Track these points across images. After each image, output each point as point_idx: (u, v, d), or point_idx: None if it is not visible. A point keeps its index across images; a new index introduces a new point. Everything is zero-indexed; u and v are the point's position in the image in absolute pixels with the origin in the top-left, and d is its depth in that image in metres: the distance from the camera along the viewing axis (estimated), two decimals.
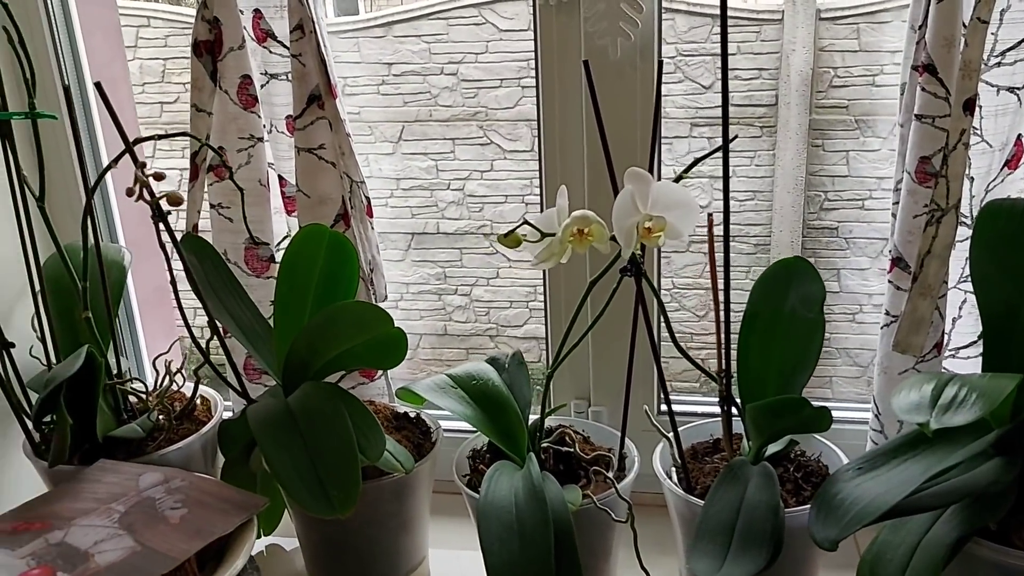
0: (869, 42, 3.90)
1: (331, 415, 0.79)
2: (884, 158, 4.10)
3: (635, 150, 0.91)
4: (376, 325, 0.79)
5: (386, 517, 0.89)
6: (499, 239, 0.69)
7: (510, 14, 4.14)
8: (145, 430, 0.89)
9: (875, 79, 3.94)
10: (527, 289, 4.47)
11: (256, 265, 0.98)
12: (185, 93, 3.85)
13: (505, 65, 4.41)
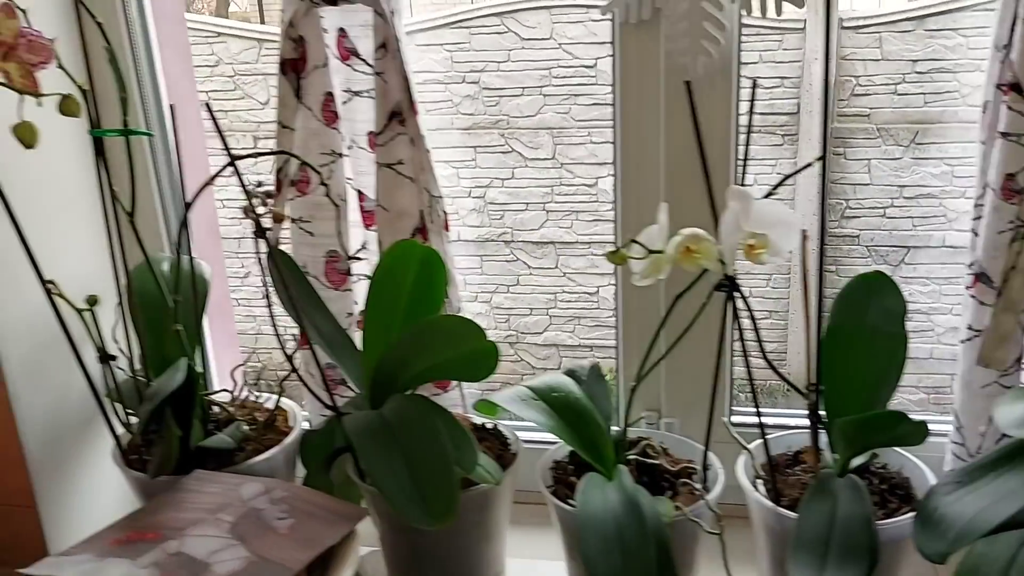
0: (891, 51, 3.92)
1: (427, 427, 0.80)
2: (905, 166, 4.11)
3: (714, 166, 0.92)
4: (469, 339, 0.80)
5: (470, 527, 0.90)
6: (607, 256, 0.71)
7: (532, 23, 4.16)
8: (235, 440, 0.90)
9: (897, 88, 3.95)
10: (547, 296, 4.49)
11: (335, 278, 1.00)
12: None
13: (527, 74, 4.43)
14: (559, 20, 4.08)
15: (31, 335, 0.93)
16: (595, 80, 4.17)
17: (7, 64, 0.73)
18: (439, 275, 0.86)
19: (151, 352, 0.94)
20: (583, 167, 4.27)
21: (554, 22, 4.13)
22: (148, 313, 0.93)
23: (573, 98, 4.21)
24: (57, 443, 0.98)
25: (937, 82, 3.92)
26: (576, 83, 4.17)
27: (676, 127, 0.93)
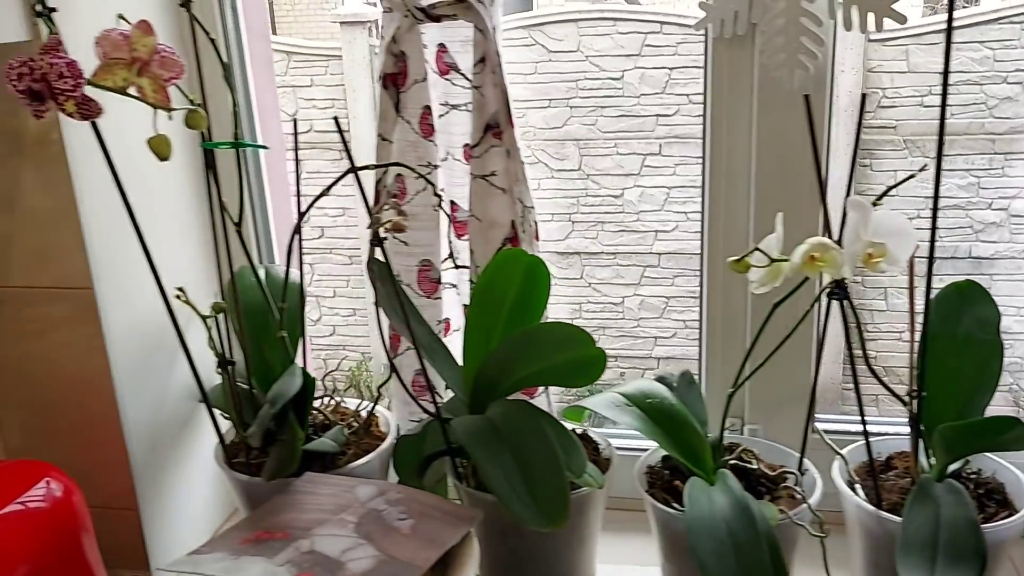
0: (917, 63, 3.94)
1: (537, 431, 0.82)
2: (931, 177, 4.13)
3: (805, 178, 0.95)
4: (577, 345, 0.83)
5: (568, 530, 0.91)
6: (731, 265, 0.73)
7: (559, 36, 4.20)
8: (338, 444, 0.92)
9: (923, 100, 3.97)
10: (572, 306, 4.51)
11: (426, 286, 1.02)
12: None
13: (554, 86, 4.47)
14: (586, 33, 4.12)
15: (136, 340, 0.96)
16: (621, 92, 4.20)
17: (141, 79, 0.75)
18: (543, 284, 0.88)
19: (254, 358, 0.96)
20: (609, 178, 4.30)
21: (581, 35, 4.17)
22: (251, 320, 0.96)
23: (600, 110, 4.24)
24: (156, 447, 1.00)
25: (964, 94, 3.94)
26: (603, 95, 4.21)
27: (767, 140, 0.95)
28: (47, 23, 0.72)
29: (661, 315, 4.49)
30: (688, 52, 4.08)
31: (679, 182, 4.26)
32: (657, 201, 4.31)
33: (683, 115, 4.16)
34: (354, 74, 4.36)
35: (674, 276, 4.43)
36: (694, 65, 4.09)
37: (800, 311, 0.84)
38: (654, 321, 4.49)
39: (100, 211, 0.89)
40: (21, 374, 0.95)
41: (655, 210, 4.34)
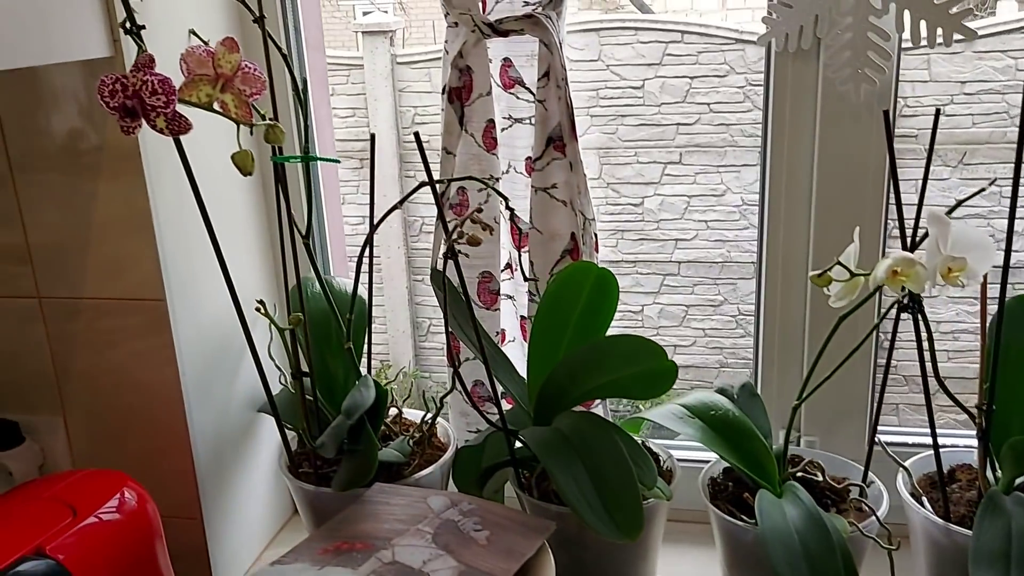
0: (939, 72, 3.95)
1: (609, 443, 0.83)
2: (954, 187, 4.12)
3: (867, 191, 0.95)
4: (649, 359, 0.84)
5: (634, 542, 0.92)
6: (813, 279, 0.73)
7: (580, 45, 4.22)
8: (404, 455, 0.93)
9: (945, 109, 3.97)
10: None
11: (486, 298, 1.03)
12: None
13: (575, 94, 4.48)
14: (607, 42, 4.14)
15: (203, 350, 0.97)
16: (642, 101, 4.21)
17: (224, 95, 0.77)
18: (612, 296, 0.89)
19: (318, 368, 0.97)
20: (629, 187, 4.31)
21: (602, 44, 4.19)
22: (315, 330, 0.97)
23: (620, 119, 4.26)
24: (220, 456, 1.01)
25: (985, 103, 3.94)
26: (623, 104, 4.22)
27: (830, 153, 0.95)
28: (136, 41, 0.73)
29: (681, 323, 4.50)
30: (709, 61, 4.09)
31: (699, 191, 4.27)
32: (677, 210, 4.32)
33: (704, 124, 4.17)
34: (375, 83, 4.38)
35: (694, 285, 4.43)
36: (714, 74, 4.10)
37: (858, 323, 0.84)
38: (674, 330, 4.49)
39: (173, 223, 0.90)
40: (91, 383, 0.96)
41: (675, 219, 4.35)
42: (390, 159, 4.47)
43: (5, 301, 0.95)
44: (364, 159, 4.48)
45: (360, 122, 4.45)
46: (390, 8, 6.52)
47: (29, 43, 0.73)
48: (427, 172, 0.80)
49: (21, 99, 0.88)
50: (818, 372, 0.86)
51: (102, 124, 0.86)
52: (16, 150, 0.90)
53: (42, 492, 0.81)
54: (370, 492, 0.86)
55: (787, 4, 0.90)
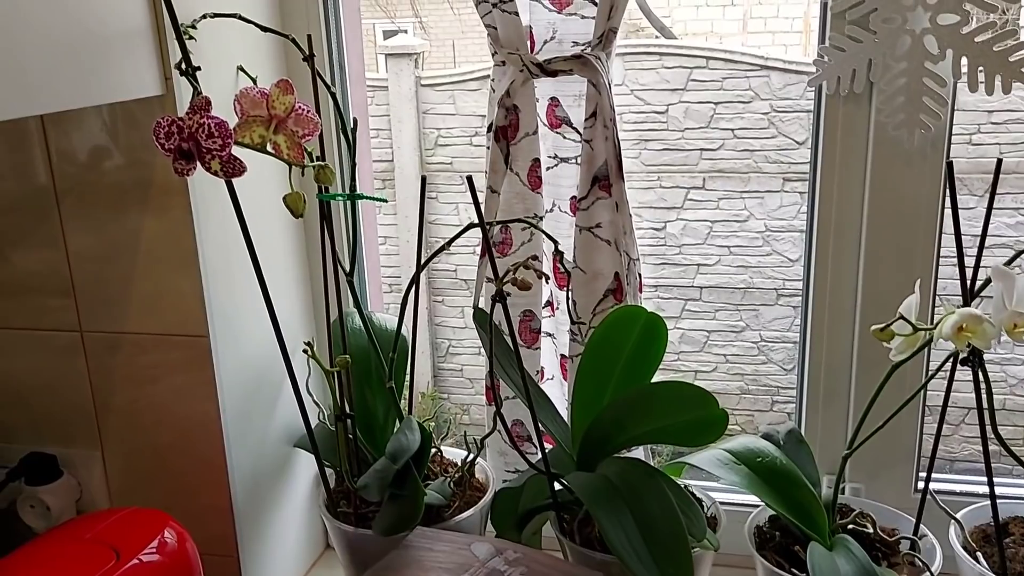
0: (966, 101, 3.92)
1: (656, 492, 0.81)
2: (979, 216, 4.08)
3: (918, 237, 0.94)
4: (698, 406, 0.82)
5: None
6: (875, 333, 0.72)
7: None
8: (445, 497, 0.92)
9: (972, 138, 3.94)
10: None
11: (527, 336, 1.02)
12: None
13: None
14: (632, 67, 4.14)
15: (242, 387, 0.96)
16: (666, 126, 4.21)
17: (277, 136, 0.76)
18: (660, 341, 0.88)
19: (358, 406, 0.96)
20: (652, 211, 4.30)
21: (627, 68, 4.20)
22: (356, 368, 0.96)
23: (643, 143, 4.25)
24: (256, 492, 1.00)
25: (1013, 132, 3.91)
26: (647, 128, 4.22)
27: (881, 195, 0.94)
28: (191, 82, 0.73)
29: (702, 349, 4.47)
30: (734, 87, 4.09)
31: (722, 216, 4.26)
32: (700, 235, 4.30)
33: (727, 150, 4.17)
34: (400, 105, 4.40)
35: (715, 310, 4.41)
36: (739, 100, 4.09)
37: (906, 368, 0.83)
38: (695, 355, 4.47)
39: (217, 259, 0.90)
40: (130, 418, 0.96)
41: (698, 243, 4.33)
42: (412, 180, 4.49)
43: (47, 334, 0.95)
44: (386, 179, 4.50)
45: (383, 143, 4.47)
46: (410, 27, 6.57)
47: (87, 84, 0.73)
48: (478, 214, 0.79)
49: (70, 134, 0.88)
50: (867, 419, 0.84)
51: (150, 160, 0.86)
52: (64, 184, 0.90)
53: (84, 533, 0.80)
54: (412, 537, 0.84)
55: (839, 48, 0.89)
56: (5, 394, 0.99)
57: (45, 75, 0.69)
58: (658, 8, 5.49)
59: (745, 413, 4.37)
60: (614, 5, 0.88)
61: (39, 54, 0.68)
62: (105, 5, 0.75)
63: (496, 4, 0.90)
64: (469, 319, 4.99)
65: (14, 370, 0.98)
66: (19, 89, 0.67)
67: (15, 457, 0.98)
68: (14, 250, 0.94)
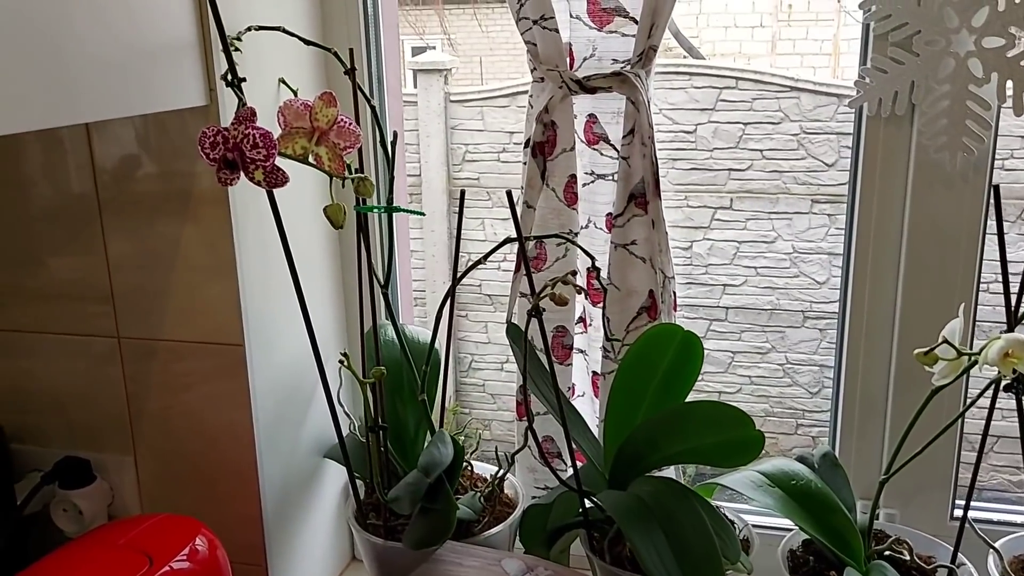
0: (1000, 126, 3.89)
1: (691, 513, 0.80)
2: (1012, 241, 4.03)
3: (959, 260, 0.93)
4: (736, 427, 0.81)
5: None
6: (918, 357, 0.71)
7: None
8: (475, 512, 0.92)
9: (1004, 163, 3.90)
10: None
11: (560, 352, 1.02)
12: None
13: None
14: (661, 86, 4.14)
15: (274, 396, 0.97)
16: (694, 145, 4.21)
17: (319, 148, 0.77)
18: (696, 360, 0.87)
19: (390, 418, 0.96)
20: (679, 230, 4.29)
21: (656, 88, 4.20)
22: (388, 379, 0.96)
23: (672, 162, 4.25)
24: (286, 501, 1.00)
25: None
26: (675, 148, 4.22)
27: (921, 218, 0.93)
28: (237, 93, 0.74)
29: (726, 370, 4.44)
30: (763, 108, 4.08)
31: (750, 237, 4.24)
32: (727, 255, 4.28)
33: (756, 170, 4.15)
34: (428, 121, 4.43)
35: (741, 331, 4.38)
36: (768, 121, 4.08)
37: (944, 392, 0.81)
38: (719, 376, 4.44)
39: (254, 269, 0.91)
40: (164, 424, 0.97)
41: (724, 263, 4.31)
42: (439, 195, 4.51)
43: (85, 340, 0.96)
44: (413, 194, 4.52)
45: (412, 158, 4.49)
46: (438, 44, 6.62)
47: (133, 94, 0.74)
48: (517, 229, 0.80)
49: (115, 143, 0.89)
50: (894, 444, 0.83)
51: (191, 170, 0.87)
52: (106, 192, 0.91)
53: (117, 538, 0.81)
54: (442, 551, 0.84)
55: (881, 69, 0.89)
56: (42, 398, 1.00)
57: (93, 84, 0.70)
58: (687, 29, 5.50)
59: (770, 436, 4.33)
60: (655, 24, 0.88)
61: (88, 64, 0.69)
62: (154, 18, 0.76)
63: (537, 21, 0.90)
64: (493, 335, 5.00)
65: (52, 374, 0.99)
66: (68, 97, 0.68)
67: (50, 461, 0.98)
68: (56, 257, 0.95)
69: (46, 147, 0.92)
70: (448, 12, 6.62)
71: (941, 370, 0.72)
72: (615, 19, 0.93)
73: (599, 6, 0.93)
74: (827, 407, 4.10)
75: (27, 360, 0.99)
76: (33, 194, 0.94)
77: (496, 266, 4.30)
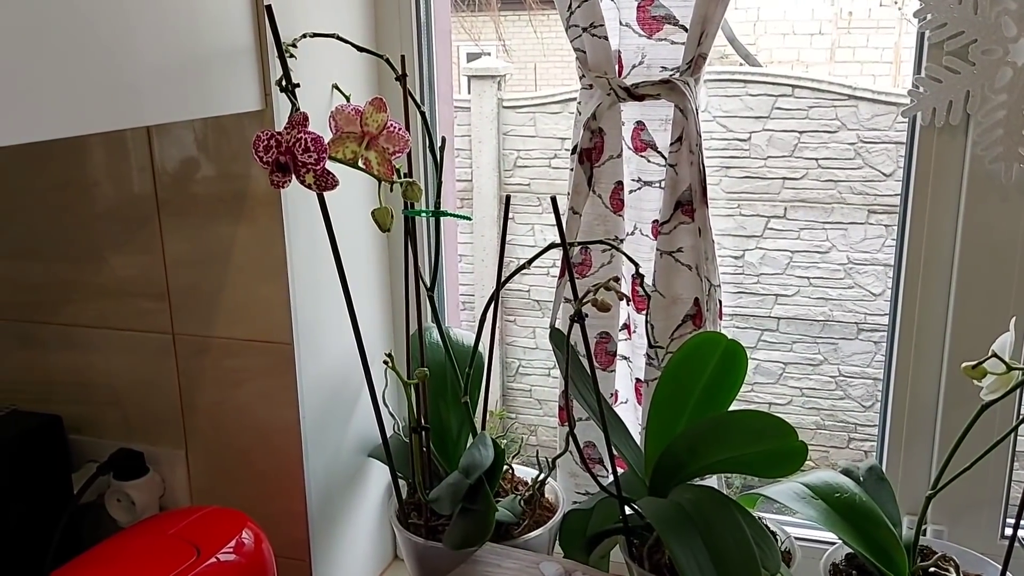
0: None
1: (731, 522, 0.80)
2: None
3: (1014, 273, 0.91)
4: (776, 437, 0.80)
5: None
6: (966, 371, 0.70)
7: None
8: (515, 515, 0.92)
9: None
10: None
11: (603, 359, 1.02)
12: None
13: None
14: (715, 93, 4.11)
15: (320, 395, 0.99)
16: (748, 153, 4.16)
17: (369, 152, 0.78)
18: (740, 369, 0.87)
19: (432, 419, 0.97)
20: (731, 239, 4.25)
21: (711, 95, 4.17)
22: (432, 381, 0.97)
23: (724, 170, 4.21)
24: (330, 499, 1.02)
25: None
26: (728, 155, 4.18)
27: (975, 229, 0.92)
28: (291, 98, 0.76)
29: (777, 381, 4.38)
30: (819, 116, 4.02)
31: (803, 246, 4.18)
32: (779, 264, 4.23)
33: (811, 179, 4.09)
34: (481, 126, 4.46)
35: (793, 342, 4.32)
36: (824, 130, 4.02)
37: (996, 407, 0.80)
38: (769, 387, 4.38)
39: (304, 270, 0.93)
40: (214, 419, 0.99)
41: (776, 273, 4.26)
42: (490, 200, 4.53)
43: (142, 335, 0.99)
44: (464, 199, 4.55)
45: (464, 163, 4.53)
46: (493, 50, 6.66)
47: (193, 99, 0.76)
48: (560, 235, 0.80)
49: (174, 145, 0.92)
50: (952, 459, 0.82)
51: (246, 172, 0.89)
52: (164, 193, 0.94)
53: (167, 528, 0.83)
54: (481, 552, 0.85)
55: (936, 79, 0.88)
56: (100, 391, 1.03)
57: (154, 88, 0.73)
58: (743, 36, 5.45)
59: (820, 449, 4.26)
60: (705, 31, 0.88)
61: (150, 70, 0.72)
62: (213, 25, 0.78)
63: (586, 28, 0.91)
64: (540, 340, 5.00)
65: (109, 368, 1.02)
66: (130, 101, 0.71)
67: (105, 452, 1.02)
68: (116, 255, 0.98)
69: (110, 148, 0.96)
70: (503, 19, 6.66)
71: (990, 385, 0.71)
72: (665, 27, 0.93)
73: (649, 14, 0.93)
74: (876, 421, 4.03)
75: (86, 354, 1.03)
76: (96, 194, 0.98)
77: (545, 271, 4.30)
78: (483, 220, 4.48)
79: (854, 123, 3.99)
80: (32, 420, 1.00)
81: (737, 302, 4.31)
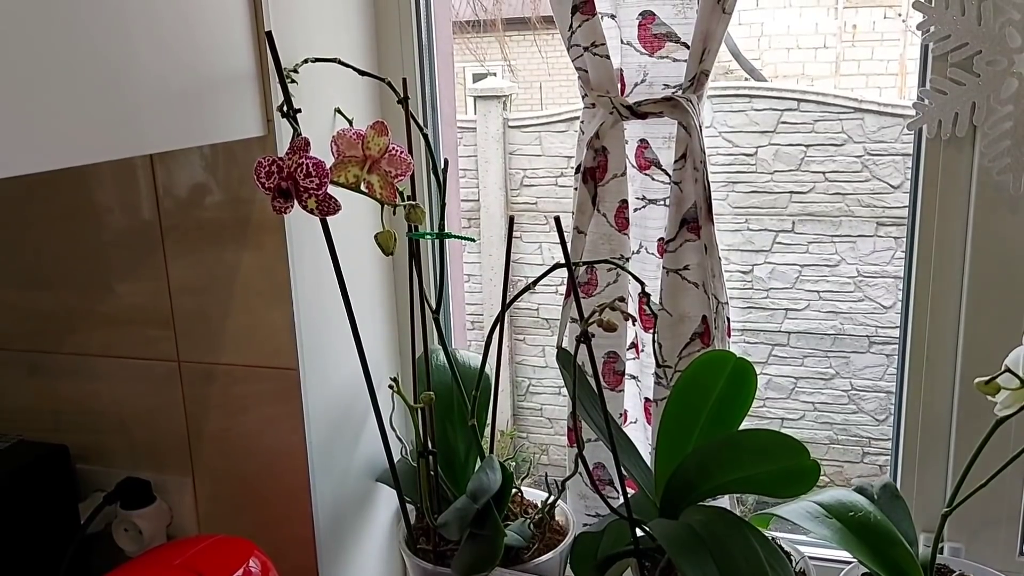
0: None
1: (743, 543, 0.79)
2: None
3: (1020, 284, 0.90)
4: (788, 456, 0.79)
5: None
6: (978, 386, 0.69)
7: None
8: (525, 539, 0.91)
9: None
10: None
11: (611, 379, 1.01)
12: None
13: None
14: (720, 108, 4.11)
15: (327, 420, 0.98)
16: (754, 168, 4.16)
17: (370, 176, 0.78)
18: (749, 388, 0.86)
19: (440, 442, 0.96)
20: (739, 253, 4.23)
21: (715, 111, 4.17)
22: (438, 404, 0.96)
23: (731, 185, 4.21)
24: (338, 525, 1.01)
25: None
26: (735, 170, 4.17)
27: (984, 241, 0.91)
28: (292, 124, 0.76)
29: (789, 396, 4.35)
30: (825, 130, 4.01)
31: (812, 260, 4.16)
32: (788, 279, 4.21)
33: (818, 192, 4.08)
34: (487, 146, 4.47)
35: (803, 356, 4.29)
36: (831, 143, 4.01)
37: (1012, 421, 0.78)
38: (781, 402, 4.35)
39: (309, 295, 0.92)
40: (221, 446, 0.99)
41: (786, 287, 4.24)
42: (497, 220, 4.54)
43: (148, 363, 0.99)
44: (472, 219, 4.55)
45: (470, 183, 4.54)
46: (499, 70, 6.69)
47: (195, 126, 0.76)
48: (565, 255, 0.80)
49: (176, 172, 0.92)
50: (968, 475, 0.80)
51: (249, 198, 0.89)
52: (168, 220, 0.94)
53: (173, 558, 0.82)
54: None
55: (941, 91, 0.87)
56: (106, 420, 1.03)
57: (156, 117, 0.73)
58: (748, 51, 5.46)
59: (834, 464, 4.22)
60: (706, 48, 0.88)
61: (151, 97, 0.72)
62: (214, 51, 0.79)
63: (588, 47, 0.91)
64: (550, 358, 5.01)
65: (116, 397, 1.02)
66: (132, 130, 0.71)
67: (112, 481, 1.01)
68: (122, 282, 0.98)
69: (115, 176, 0.96)
70: (509, 39, 6.70)
71: (1004, 400, 0.70)
72: (666, 44, 0.93)
73: (650, 32, 0.93)
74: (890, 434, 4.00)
75: (93, 383, 1.02)
76: (102, 221, 0.98)
77: (553, 290, 4.30)
78: (491, 240, 4.48)
79: (860, 136, 3.98)
80: (39, 450, 1.00)
81: (747, 317, 4.29)
